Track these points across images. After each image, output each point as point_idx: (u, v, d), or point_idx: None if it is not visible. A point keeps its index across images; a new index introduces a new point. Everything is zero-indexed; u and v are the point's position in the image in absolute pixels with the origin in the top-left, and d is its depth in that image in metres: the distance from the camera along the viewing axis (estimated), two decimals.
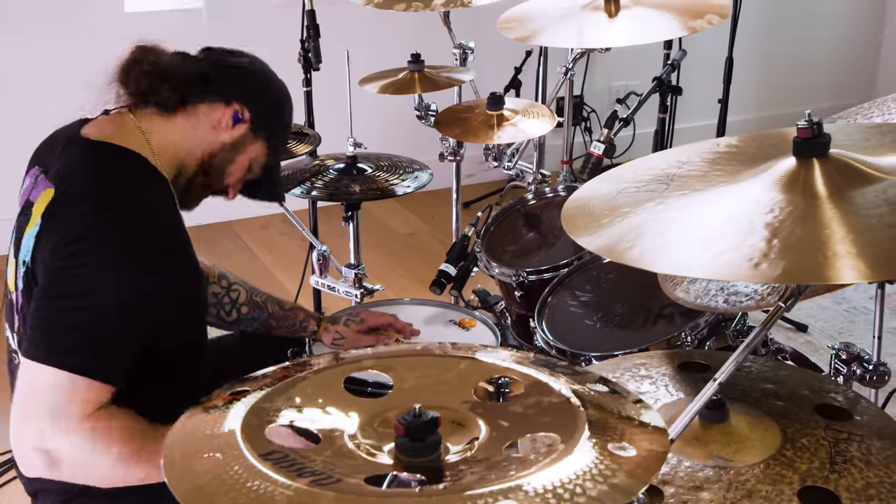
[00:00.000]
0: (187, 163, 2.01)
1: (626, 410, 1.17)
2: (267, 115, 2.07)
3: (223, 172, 2.06)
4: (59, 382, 1.72)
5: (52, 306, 1.77)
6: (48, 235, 1.81)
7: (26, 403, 1.76)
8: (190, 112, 1.98)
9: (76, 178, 1.86)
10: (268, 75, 2.10)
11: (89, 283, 1.75)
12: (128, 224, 1.78)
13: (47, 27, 4.43)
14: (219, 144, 2.01)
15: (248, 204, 2.31)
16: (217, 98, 1.99)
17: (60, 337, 1.74)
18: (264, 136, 2.07)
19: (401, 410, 1.12)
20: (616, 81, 5.59)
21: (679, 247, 1.26)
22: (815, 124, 1.34)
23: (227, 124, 2.00)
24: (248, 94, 2.02)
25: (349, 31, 4.34)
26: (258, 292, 2.42)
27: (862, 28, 6.35)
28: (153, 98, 1.94)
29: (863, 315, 4.03)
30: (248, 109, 2.02)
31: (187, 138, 1.99)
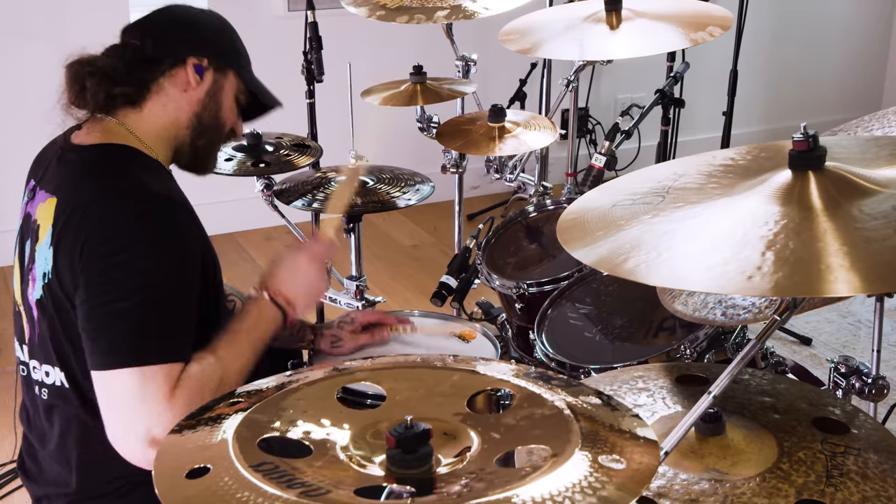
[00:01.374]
0: (180, 135, 2.03)
1: (618, 423, 1.17)
2: (218, 47, 2.07)
3: (218, 120, 2.08)
4: (139, 379, 1.75)
5: (103, 312, 1.78)
6: (71, 244, 1.82)
7: (117, 411, 1.79)
8: (156, 91, 1.98)
9: (83, 184, 1.89)
10: (190, 13, 2.09)
11: (132, 280, 1.78)
12: (154, 213, 1.82)
13: (52, 41, 4.44)
14: (198, 102, 2.03)
15: (251, 217, 2.32)
16: (171, 65, 1.99)
17: (123, 339, 1.77)
18: (229, 66, 2.08)
19: (392, 422, 1.12)
20: (621, 94, 5.60)
21: (674, 259, 1.26)
22: (810, 137, 1.34)
23: (194, 81, 2.01)
24: (191, 44, 2.02)
25: (351, 43, 4.35)
26: None
27: (868, 41, 6.35)
28: (118, 101, 1.96)
29: (867, 328, 4.02)
30: (202, 55, 2.01)
31: (167, 114, 2.00)
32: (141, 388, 1.75)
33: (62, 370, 1.90)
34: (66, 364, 1.90)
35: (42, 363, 1.94)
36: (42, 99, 1.96)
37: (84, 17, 4.46)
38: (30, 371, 1.98)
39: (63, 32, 4.45)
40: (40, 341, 1.93)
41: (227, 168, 2.77)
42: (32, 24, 4.41)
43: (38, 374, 1.95)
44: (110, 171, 1.91)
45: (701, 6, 2.50)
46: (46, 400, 1.95)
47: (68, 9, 4.44)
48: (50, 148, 2.04)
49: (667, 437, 1.37)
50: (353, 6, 2.87)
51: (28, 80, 4.45)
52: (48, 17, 4.42)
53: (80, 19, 4.46)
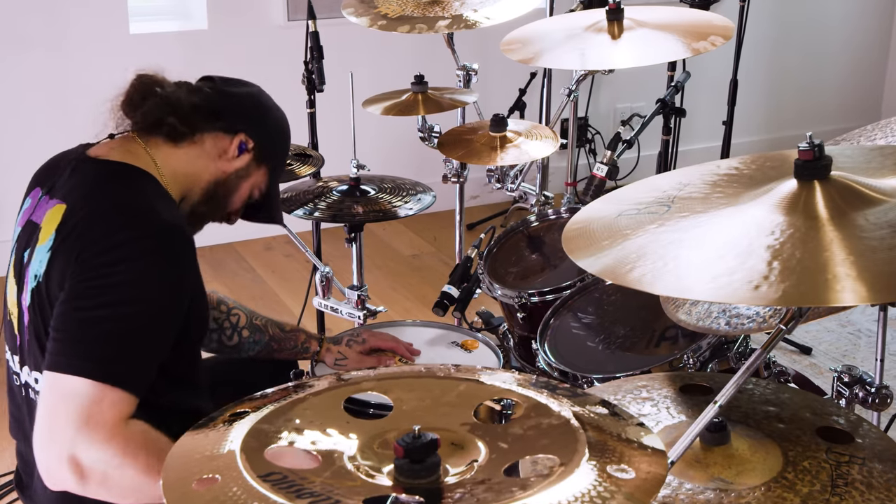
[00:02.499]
0: (193, 189, 2.04)
1: (625, 433, 1.17)
2: (269, 143, 2.11)
3: (228, 199, 2.10)
4: (90, 392, 1.72)
5: (79, 317, 1.77)
6: (70, 249, 1.81)
7: (53, 414, 1.75)
8: (197, 142, 2.01)
9: (97, 195, 1.89)
10: (268, 104, 2.14)
11: (119, 295, 1.77)
12: (155, 238, 1.81)
13: (52, 50, 4.45)
14: (224, 173, 2.05)
15: (251, 226, 2.33)
16: (223, 128, 2.03)
17: (90, 347, 1.75)
18: (266, 163, 2.11)
19: (400, 432, 1.12)
20: (621, 103, 5.61)
21: (679, 269, 1.26)
22: (816, 146, 1.34)
23: (233, 154, 2.04)
24: (251, 124, 2.07)
25: (351, 52, 4.36)
26: (258, 316, 2.43)
27: (867, 51, 6.36)
28: (163, 129, 1.98)
29: (867, 338, 4.02)
30: (252, 139, 2.06)
31: (194, 166, 2.02)
32: (92, 403, 1.71)
33: None
34: None
35: (32, 369, 1.93)
36: (41, 107, 1.97)
37: (82, 26, 4.47)
38: (21, 378, 1.97)
39: (61, 41, 4.46)
40: (29, 347, 1.92)
41: None
42: (31, 32, 4.41)
43: (30, 380, 1.94)
44: (125, 188, 1.91)
45: (702, 15, 2.51)
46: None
47: (67, 18, 4.45)
48: (62, 159, 2.04)
49: (672, 446, 1.37)
50: (355, 16, 2.88)
51: (26, 88, 4.47)
52: (46, 26, 4.43)
53: (79, 29, 4.47)
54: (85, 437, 1.70)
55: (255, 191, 2.13)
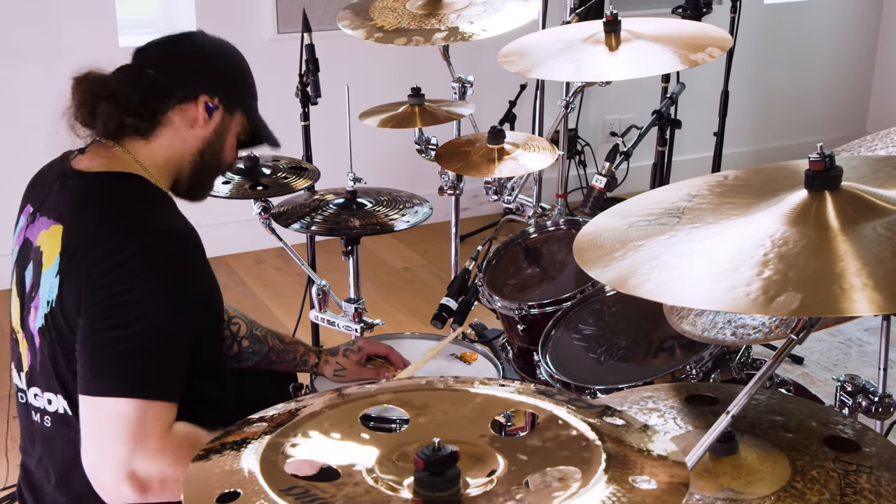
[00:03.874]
0: (182, 167, 2.03)
1: (644, 443, 1.16)
2: (232, 88, 2.07)
3: (219, 158, 2.08)
4: (133, 410, 1.74)
5: (102, 339, 1.78)
6: (77, 273, 1.81)
7: (102, 437, 1.77)
8: (165, 124, 1.98)
9: (91, 213, 1.87)
10: (210, 49, 2.09)
11: (136, 309, 1.77)
12: (157, 248, 1.81)
13: (41, 64, 4.44)
14: (204, 139, 2.03)
15: (242, 240, 2.32)
16: (182, 100, 1.99)
17: (122, 367, 1.76)
18: (239, 107, 2.08)
19: (418, 444, 1.11)
20: (610, 115, 5.63)
21: (693, 280, 1.26)
22: (826, 157, 1.34)
23: (203, 118, 2.01)
24: (206, 82, 2.02)
25: (341, 65, 4.36)
26: (258, 326, 2.42)
27: (853, 64, 6.41)
28: (127, 130, 1.95)
29: (857, 347, 4.04)
30: (214, 94, 2.01)
31: (174, 148, 2.00)
32: (137, 420, 1.74)
33: (65, 398, 1.89)
34: (68, 391, 1.88)
35: (44, 391, 1.92)
36: (35, 121, 1.96)
37: (71, 39, 4.46)
38: (28, 398, 1.96)
39: (55, 55, 4.44)
40: (42, 368, 1.91)
41: (224, 191, 2.76)
42: (24, 46, 4.40)
43: (39, 402, 1.94)
44: (119, 202, 1.90)
45: (699, 27, 2.52)
46: (49, 427, 1.94)
47: (60, 31, 4.44)
48: (48, 172, 2.02)
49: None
50: (350, 28, 2.87)
51: (20, 103, 4.45)
52: (40, 40, 4.41)
53: (68, 41, 4.45)
54: (139, 454, 1.74)
55: (241, 135, 2.12)
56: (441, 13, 2.85)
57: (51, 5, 4.41)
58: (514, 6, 2.84)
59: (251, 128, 2.13)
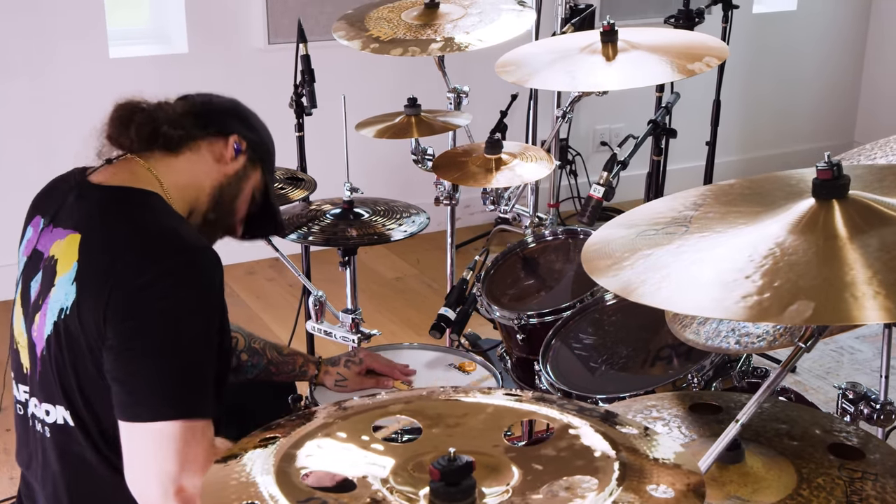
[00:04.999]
0: (199, 198, 2.02)
1: (658, 452, 1.17)
2: (260, 142, 2.12)
3: (233, 204, 2.09)
4: (178, 432, 1.74)
5: (139, 362, 1.76)
6: (99, 287, 1.78)
7: (149, 459, 1.76)
8: (194, 149, 2.00)
9: (115, 223, 1.86)
10: (248, 110, 2.16)
11: (169, 330, 1.76)
12: (191, 265, 1.81)
13: (33, 75, 4.43)
14: (225, 176, 2.05)
15: (233, 250, 2.31)
16: (216, 132, 2.03)
17: (162, 389, 1.76)
18: (261, 163, 2.12)
19: (433, 455, 1.11)
20: (600, 125, 5.64)
21: (704, 289, 1.27)
22: (834, 166, 1.35)
23: (230, 156, 2.04)
24: (240, 125, 2.08)
25: (333, 75, 4.36)
26: (256, 339, 2.42)
27: (841, 74, 6.45)
28: (159, 140, 1.97)
29: (849, 355, 4.06)
30: (244, 139, 2.07)
31: (196, 175, 2.01)
32: (184, 440, 1.74)
33: (67, 408, 1.87)
34: (71, 402, 1.87)
35: (42, 401, 1.91)
36: (23, 132, 1.95)
37: (62, 51, 4.45)
38: (28, 409, 1.95)
39: (44, 66, 4.43)
40: (42, 378, 1.89)
41: None
42: (13, 58, 4.38)
43: (39, 412, 1.93)
44: (143, 215, 1.89)
45: (696, 37, 2.53)
46: (49, 438, 1.92)
47: (50, 43, 4.43)
48: (60, 185, 2.01)
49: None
50: (346, 39, 2.88)
51: (10, 114, 4.44)
52: (30, 51, 4.40)
53: (58, 53, 4.44)
54: (188, 472, 1.74)
55: (256, 193, 2.13)
56: (436, 23, 2.85)
57: (41, 17, 4.39)
58: (510, 16, 2.85)
59: (265, 190, 2.16)
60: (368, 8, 3.01)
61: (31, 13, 4.38)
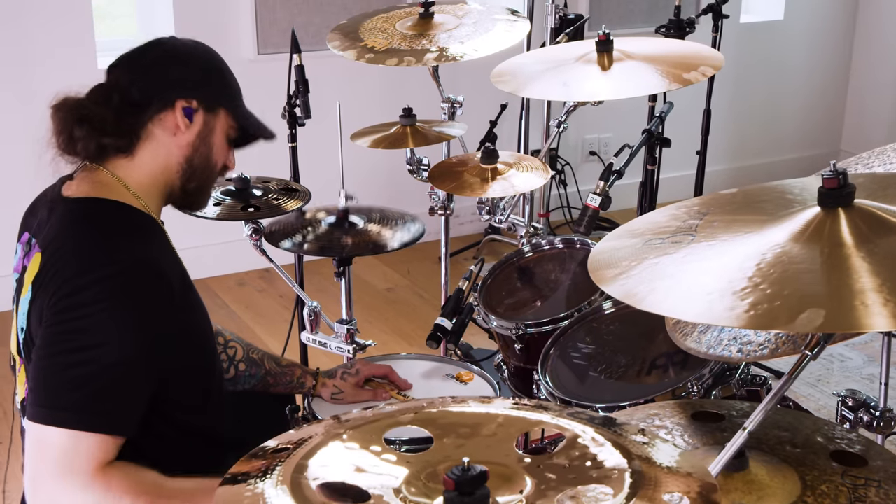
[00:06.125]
0: (170, 179, 1.98)
1: (671, 461, 1.17)
2: (208, 86, 2.01)
3: (209, 161, 2.02)
4: (64, 441, 1.70)
5: (47, 365, 1.75)
6: (41, 298, 1.78)
7: (34, 464, 1.74)
8: (146, 137, 1.93)
9: (63, 240, 1.84)
10: (180, 50, 2.02)
11: (87, 339, 1.73)
12: (122, 277, 1.76)
13: (21, 86, 4.41)
14: (188, 145, 1.97)
15: (224, 262, 2.29)
16: (159, 109, 1.93)
17: (60, 395, 1.73)
18: (220, 104, 2.02)
19: (446, 465, 1.11)
20: (589, 134, 5.65)
21: (713, 297, 1.27)
22: (840, 174, 1.35)
23: (184, 124, 1.95)
24: (179, 86, 1.96)
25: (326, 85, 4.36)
26: (255, 349, 2.41)
27: (827, 84, 6.48)
28: (109, 151, 1.91)
29: (839, 362, 4.07)
30: (191, 96, 1.96)
31: (158, 161, 1.95)
32: (67, 452, 1.71)
33: None
34: None
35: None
36: (13, 147, 1.93)
37: (50, 60, 4.43)
38: (23, 423, 1.95)
39: (33, 78, 4.42)
40: (28, 394, 1.90)
41: (214, 212, 2.74)
42: (1, 69, 4.37)
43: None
44: (95, 228, 1.86)
45: (691, 46, 2.54)
46: None
47: (34, 51, 4.41)
48: (42, 199, 2.00)
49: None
50: (340, 50, 2.88)
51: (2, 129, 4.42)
52: (18, 63, 4.39)
53: (46, 62, 4.43)
54: (65, 487, 1.70)
55: (230, 132, 2.05)
56: (431, 33, 2.86)
57: (28, 27, 4.38)
58: (504, 26, 2.85)
59: (239, 123, 2.05)
60: (363, 18, 3.02)
61: (18, 24, 4.36)
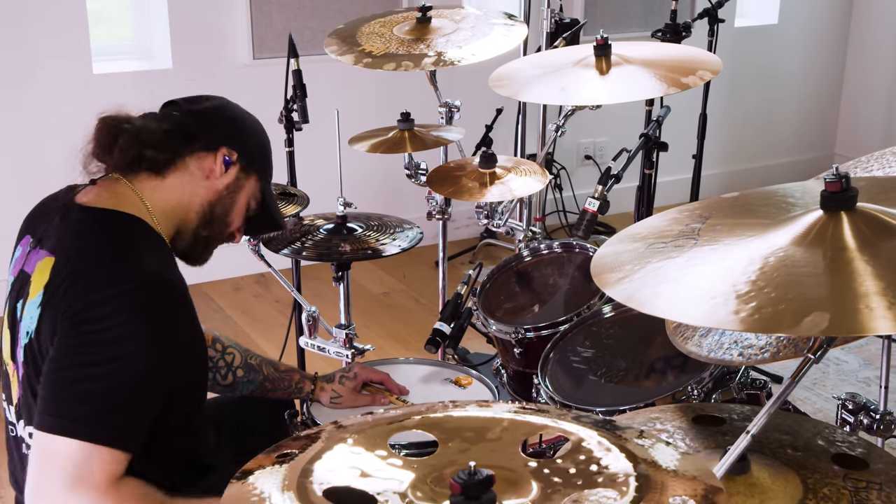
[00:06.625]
0: (188, 217, 1.99)
1: (675, 464, 1.17)
2: (252, 150, 2.05)
3: (226, 217, 2.04)
4: (78, 452, 1.70)
5: (64, 376, 1.74)
6: (56, 306, 1.77)
7: (43, 475, 1.73)
8: (180, 168, 1.96)
9: (83, 248, 1.84)
10: (239, 112, 2.08)
11: (104, 353, 1.73)
12: (141, 292, 1.76)
13: (16, 90, 4.41)
14: (216, 192, 2.00)
15: (218, 267, 2.28)
16: (203, 148, 1.97)
17: (76, 407, 1.72)
18: (255, 171, 2.06)
19: (452, 469, 1.11)
20: (584, 138, 5.65)
21: (718, 301, 1.27)
22: (843, 178, 1.36)
23: (220, 171, 1.98)
24: (229, 136, 2.00)
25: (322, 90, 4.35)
26: (253, 355, 2.41)
27: (822, 88, 6.49)
28: (143, 163, 1.93)
29: (834, 366, 4.08)
30: (235, 150, 2.00)
31: (184, 194, 1.97)
32: (81, 464, 1.70)
33: None
34: None
35: (27, 423, 1.89)
36: (8, 152, 1.92)
37: (45, 66, 4.42)
38: (17, 431, 1.94)
39: (29, 82, 4.41)
40: (24, 401, 1.88)
41: None
42: None
43: (23, 433, 1.91)
44: (112, 240, 1.86)
45: (689, 51, 2.55)
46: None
47: (29, 57, 4.40)
48: (50, 204, 1.99)
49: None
50: (338, 54, 2.88)
51: None
52: (12, 71, 4.38)
53: (42, 68, 4.42)
54: (75, 499, 1.69)
55: (252, 202, 2.08)
56: (429, 38, 2.86)
57: (23, 32, 4.37)
58: (501, 30, 2.86)
59: (263, 197, 2.10)
60: (360, 23, 3.02)
61: (13, 28, 4.36)
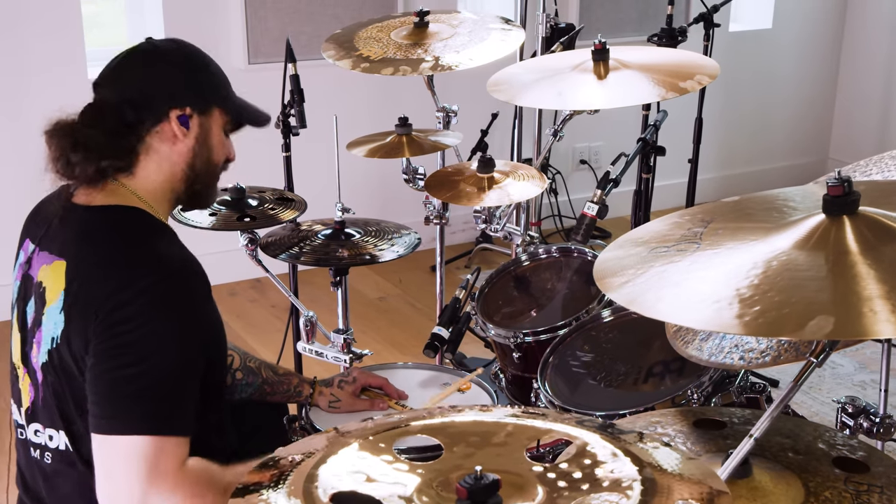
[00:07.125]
0: (176, 187, 1.98)
1: (681, 468, 1.17)
2: (198, 89, 1.98)
3: (210, 161, 2.01)
4: (147, 447, 1.72)
5: (112, 378, 1.76)
6: (83, 310, 1.78)
7: (116, 475, 1.75)
8: (145, 153, 1.92)
9: (94, 248, 1.85)
10: (167, 57, 1.99)
11: (145, 347, 1.75)
12: (163, 284, 1.78)
13: (10, 95, 4.40)
14: (189, 150, 1.96)
15: (215, 271, 2.27)
16: (155, 122, 1.92)
17: (133, 405, 1.75)
18: (214, 105, 2.00)
19: (458, 474, 1.11)
20: (579, 143, 5.66)
21: (722, 305, 1.27)
22: (845, 182, 1.36)
23: (181, 133, 1.94)
24: (170, 96, 1.94)
25: (319, 94, 4.36)
26: (252, 358, 2.41)
27: (816, 92, 6.50)
28: (109, 171, 1.90)
29: (830, 370, 4.09)
30: (184, 104, 1.94)
31: (162, 172, 1.95)
32: (152, 457, 1.73)
33: (66, 434, 1.87)
34: (70, 428, 1.86)
35: (46, 427, 1.90)
36: (3, 158, 1.91)
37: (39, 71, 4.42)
38: (28, 434, 1.94)
39: (24, 88, 4.41)
40: (45, 405, 1.89)
41: (211, 223, 2.73)
42: None
43: (39, 438, 1.91)
44: (123, 237, 1.87)
45: (686, 55, 2.55)
46: (50, 465, 1.91)
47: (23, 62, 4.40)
48: (47, 206, 2.00)
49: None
50: (335, 59, 2.88)
51: None
52: (6, 76, 4.38)
53: (35, 73, 4.41)
54: (154, 491, 1.72)
55: (226, 127, 2.03)
56: (426, 43, 2.86)
57: (18, 36, 4.37)
58: (498, 35, 2.86)
59: (233, 117, 2.04)
60: (357, 27, 3.02)
61: (7, 33, 4.35)
